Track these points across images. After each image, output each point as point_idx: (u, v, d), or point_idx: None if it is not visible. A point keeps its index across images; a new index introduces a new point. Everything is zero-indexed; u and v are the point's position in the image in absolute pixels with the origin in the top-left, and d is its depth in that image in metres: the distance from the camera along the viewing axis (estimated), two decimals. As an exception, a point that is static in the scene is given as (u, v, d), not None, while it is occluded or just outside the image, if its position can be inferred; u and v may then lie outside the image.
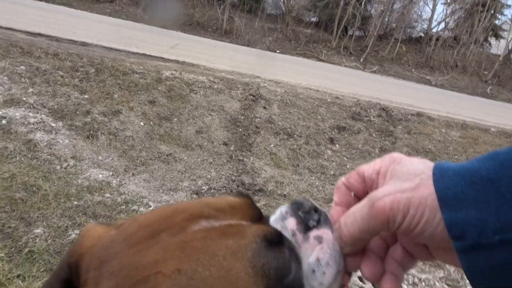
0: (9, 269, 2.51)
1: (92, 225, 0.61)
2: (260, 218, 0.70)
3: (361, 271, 0.54)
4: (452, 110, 9.00)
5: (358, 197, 0.56)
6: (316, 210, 0.69)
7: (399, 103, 8.24)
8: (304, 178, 4.75)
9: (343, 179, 0.57)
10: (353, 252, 0.54)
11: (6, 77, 4.87)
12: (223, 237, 0.55)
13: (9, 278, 2.47)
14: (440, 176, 0.43)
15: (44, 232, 2.88)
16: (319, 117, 6.14)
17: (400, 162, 0.49)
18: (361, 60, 19.45)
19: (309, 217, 0.67)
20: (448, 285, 3.42)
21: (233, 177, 4.32)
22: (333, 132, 5.88)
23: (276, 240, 0.58)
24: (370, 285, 3.15)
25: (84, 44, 6.92)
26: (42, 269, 2.58)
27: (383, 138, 6.05)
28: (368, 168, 0.54)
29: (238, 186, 4.13)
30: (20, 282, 2.46)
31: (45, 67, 5.34)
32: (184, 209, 0.59)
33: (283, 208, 0.71)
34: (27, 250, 2.68)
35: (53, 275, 0.58)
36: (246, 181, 4.26)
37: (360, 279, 3.24)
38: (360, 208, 0.50)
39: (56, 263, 2.65)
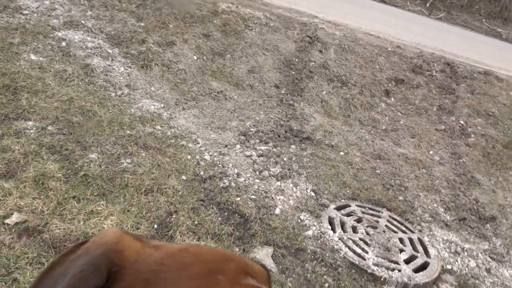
0: (65, 190, 2.66)
1: (122, 234, 0.57)
2: None
3: None
4: (523, 71, 8.25)
5: None
6: None
7: (465, 58, 7.63)
8: (354, 130, 4.61)
9: None
10: None
11: (66, -2, 4.88)
12: None
13: (65, 198, 2.62)
14: None
15: (98, 157, 3.00)
16: (377, 66, 5.81)
17: None
18: (427, 4, 17.96)
19: None
20: (492, 258, 3.33)
21: (282, 122, 4.25)
22: (389, 84, 5.58)
23: None
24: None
25: (142, -33, 6.74)
26: (96, 193, 2.71)
27: (443, 96, 5.69)
28: None
29: (286, 132, 4.07)
30: (75, 203, 2.60)
31: (103, -11, 5.28)
32: (232, 258, 0.61)
33: None
34: (82, 173, 2.81)
35: (81, 275, 0.49)
36: (295, 127, 4.19)
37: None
38: None
39: (109, 189, 2.78)
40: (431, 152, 4.73)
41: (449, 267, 3.11)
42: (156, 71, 4.42)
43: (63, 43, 4.22)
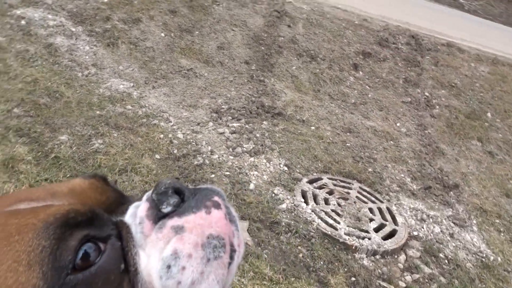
0: (37, 172, 2.62)
1: None
2: (119, 203, 0.61)
3: None
4: (483, 42, 8.54)
5: None
6: (179, 191, 0.56)
7: (429, 30, 7.81)
8: (324, 104, 4.69)
9: None
10: None
11: (22, -28, 4.63)
12: (13, 216, 0.48)
13: (37, 181, 2.58)
14: None
15: (68, 139, 2.95)
16: (344, 40, 5.88)
17: None
18: (393, -23, 18.08)
19: (164, 199, 0.56)
20: (454, 223, 3.53)
21: (253, 98, 4.28)
22: (357, 58, 5.67)
23: (84, 221, 0.50)
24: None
25: None
26: (68, 175, 2.69)
27: (409, 69, 5.84)
28: None
29: (258, 108, 4.11)
30: (48, 186, 2.56)
31: (62, -37, 5.04)
32: (18, 194, 0.53)
33: (149, 192, 0.60)
34: (53, 155, 2.77)
35: None
36: (266, 103, 4.22)
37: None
38: None
39: (82, 170, 2.75)
40: (398, 124, 4.89)
41: (415, 233, 3.29)
42: (123, 49, 4.32)
43: (23, 22, 4.04)
